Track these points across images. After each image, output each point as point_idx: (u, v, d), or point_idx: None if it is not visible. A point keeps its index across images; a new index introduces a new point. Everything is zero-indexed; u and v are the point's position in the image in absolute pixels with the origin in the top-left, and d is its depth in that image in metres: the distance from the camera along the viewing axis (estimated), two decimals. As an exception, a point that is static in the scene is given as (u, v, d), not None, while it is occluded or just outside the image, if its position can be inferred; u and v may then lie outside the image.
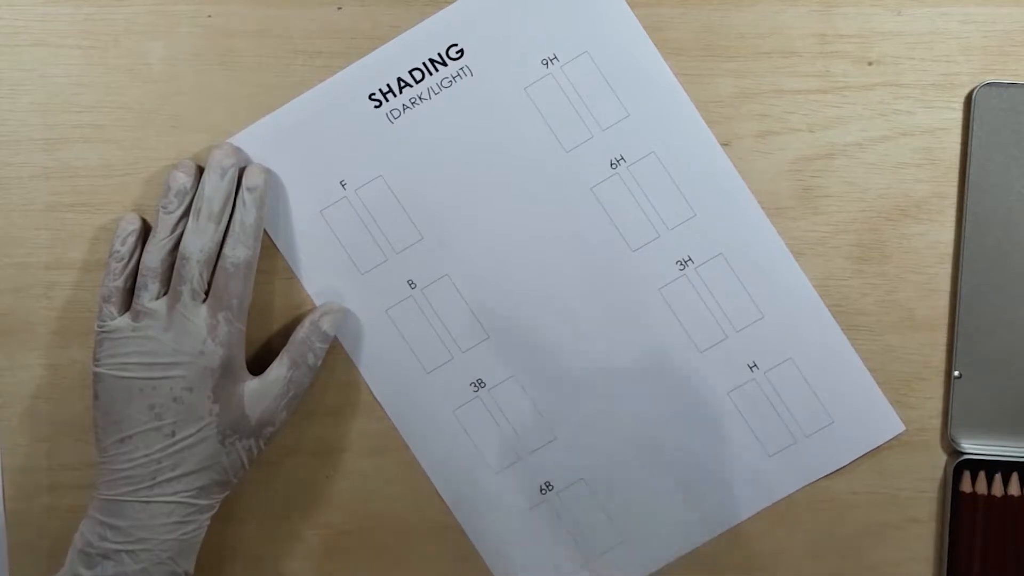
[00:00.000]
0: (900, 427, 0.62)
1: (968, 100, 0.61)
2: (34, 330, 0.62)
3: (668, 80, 0.61)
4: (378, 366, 0.62)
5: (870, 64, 0.61)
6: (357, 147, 0.61)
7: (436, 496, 0.63)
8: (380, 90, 0.61)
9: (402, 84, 0.61)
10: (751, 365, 0.62)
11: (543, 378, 0.62)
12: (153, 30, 0.61)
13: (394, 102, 0.61)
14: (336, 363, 0.62)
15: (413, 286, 0.62)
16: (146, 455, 0.56)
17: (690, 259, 0.61)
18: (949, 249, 0.61)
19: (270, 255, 0.62)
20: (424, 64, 0.61)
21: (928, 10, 0.60)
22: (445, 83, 0.61)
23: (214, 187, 0.58)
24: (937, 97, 0.61)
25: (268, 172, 0.60)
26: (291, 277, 0.62)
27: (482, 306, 0.62)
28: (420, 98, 0.61)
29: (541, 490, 0.63)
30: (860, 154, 0.61)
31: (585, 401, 0.62)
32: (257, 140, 0.61)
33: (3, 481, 0.63)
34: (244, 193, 0.59)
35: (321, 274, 0.62)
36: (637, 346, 0.62)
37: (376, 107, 0.61)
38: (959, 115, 0.61)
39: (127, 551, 0.56)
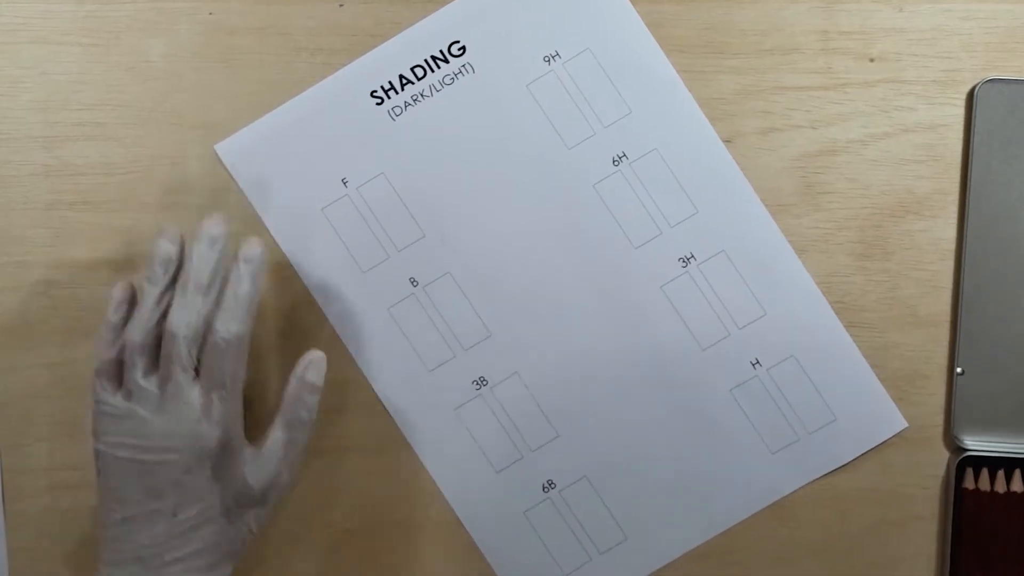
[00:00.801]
0: (903, 423, 0.62)
1: (970, 96, 0.61)
2: (34, 330, 0.62)
3: (670, 77, 0.61)
4: (380, 364, 0.62)
5: (872, 61, 0.61)
6: (359, 145, 0.61)
7: (438, 494, 0.63)
8: (382, 87, 0.61)
9: (404, 81, 0.61)
10: (754, 362, 0.62)
11: (545, 376, 0.62)
12: (154, 27, 0.61)
13: (396, 99, 0.61)
14: (337, 361, 0.62)
15: (415, 284, 0.62)
16: (151, 536, 0.54)
17: (692, 256, 0.61)
18: (951, 245, 0.61)
19: (271, 254, 0.62)
20: (426, 61, 0.61)
21: (930, 6, 0.60)
22: (447, 80, 0.61)
23: (202, 257, 0.54)
24: (939, 93, 0.61)
25: (264, 245, 0.56)
26: (292, 275, 0.62)
27: (484, 304, 0.62)
28: (422, 95, 0.61)
29: (544, 488, 0.63)
30: (862, 151, 0.61)
31: (587, 399, 0.62)
32: (258, 138, 0.61)
33: (3, 481, 0.63)
34: (240, 264, 0.55)
35: (322, 272, 0.62)
36: (639, 343, 0.62)
37: (378, 104, 0.61)
38: (961, 111, 0.61)
39: None
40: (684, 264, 0.61)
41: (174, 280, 0.55)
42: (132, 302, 0.56)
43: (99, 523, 0.56)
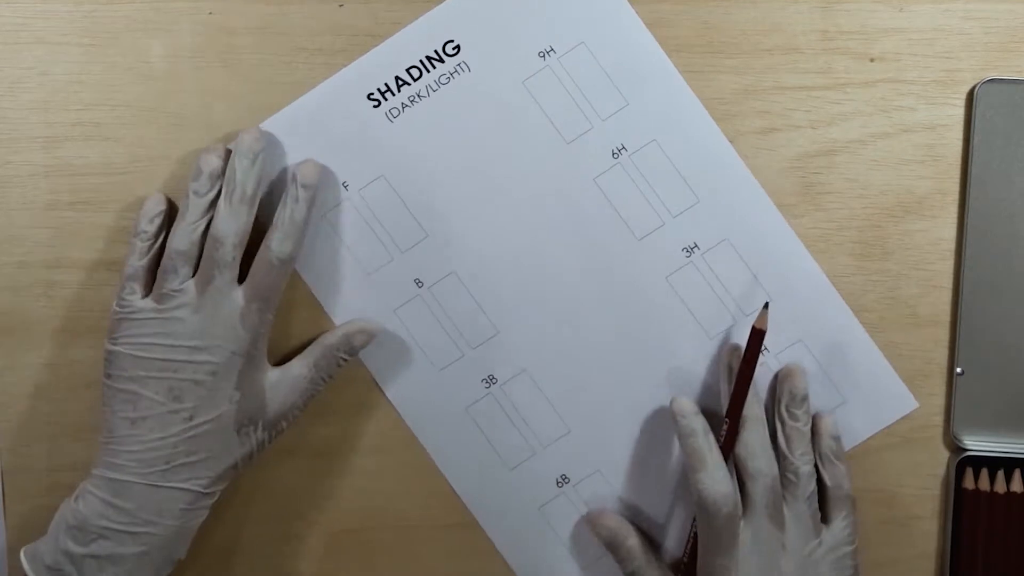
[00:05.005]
0: (913, 403, 0.62)
1: (970, 96, 0.61)
2: (34, 330, 0.62)
3: (664, 67, 0.61)
4: (389, 365, 0.62)
5: (872, 61, 0.61)
6: (358, 148, 0.61)
7: (444, 494, 0.63)
8: (378, 89, 0.61)
9: (400, 82, 0.61)
10: (763, 348, 0.61)
11: (554, 371, 0.62)
12: (153, 27, 0.61)
13: (393, 101, 0.61)
14: (347, 365, 0.62)
15: (420, 285, 0.62)
16: (161, 438, 0.56)
17: (696, 245, 0.61)
18: (951, 245, 0.62)
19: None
20: (421, 62, 0.61)
21: (930, 6, 0.61)
22: (443, 80, 0.61)
23: (245, 171, 0.57)
24: (939, 93, 0.61)
25: (322, 169, 0.60)
26: (297, 281, 0.61)
27: (490, 302, 0.62)
28: (419, 96, 0.61)
29: (558, 483, 0.62)
30: (862, 150, 0.61)
31: (597, 392, 0.62)
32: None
33: (3, 482, 0.62)
34: (299, 189, 0.58)
35: (327, 277, 0.62)
36: (647, 335, 0.62)
37: (375, 107, 0.61)
38: (961, 111, 0.61)
39: (129, 532, 0.55)
40: (688, 253, 0.61)
41: (218, 193, 0.58)
42: (164, 215, 0.59)
43: (103, 428, 0.57)
